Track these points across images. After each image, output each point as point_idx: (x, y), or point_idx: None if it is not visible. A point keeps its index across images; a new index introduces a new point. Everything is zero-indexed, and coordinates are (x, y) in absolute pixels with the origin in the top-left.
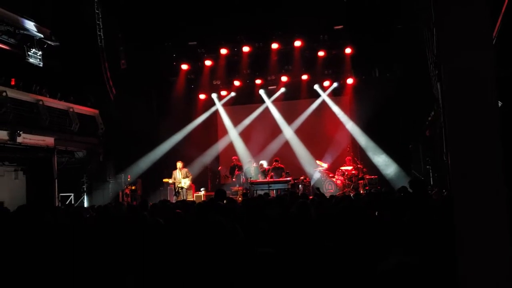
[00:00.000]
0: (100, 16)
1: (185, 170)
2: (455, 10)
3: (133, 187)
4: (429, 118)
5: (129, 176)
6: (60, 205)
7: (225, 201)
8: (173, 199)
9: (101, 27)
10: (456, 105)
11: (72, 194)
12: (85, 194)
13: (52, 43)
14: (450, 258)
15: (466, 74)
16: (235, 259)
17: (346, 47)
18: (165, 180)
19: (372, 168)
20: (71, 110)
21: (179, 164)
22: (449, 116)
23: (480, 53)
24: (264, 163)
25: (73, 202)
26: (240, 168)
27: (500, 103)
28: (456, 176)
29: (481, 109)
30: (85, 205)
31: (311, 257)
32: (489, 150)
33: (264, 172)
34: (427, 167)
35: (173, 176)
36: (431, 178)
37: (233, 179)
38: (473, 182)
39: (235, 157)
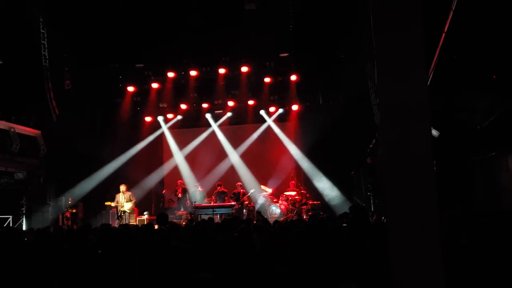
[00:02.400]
0: (46, 35)
1: (128, 193)
2: (392, 44)
3: (74, 210)
4: (371, 146)
5: (70, 199)
6: None
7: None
8: (115, 223)
9: (46, 46)
10: (391, 134)
11: (11, 217)
12: (24, 216)
13: None
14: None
15: (400, 105)
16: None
17: (292, 74)
18: (107, 203)
19: (315, 193)
20: (12, 130)
21: (122, 187)
22: (385, 144)
23: (414, 86)
24: None
25: (11, 225)
26: (184, 191)
27: (437, 133)
28: (390, 202)
29: (415, 138)
30: (24, 228)
31: (250, 281)
32: (422, 176)
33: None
34: (368, 193)
35: (115, 200)
36: (372, 205)
37: (179, 196)
38: (407, 208)
39: (180, 180)
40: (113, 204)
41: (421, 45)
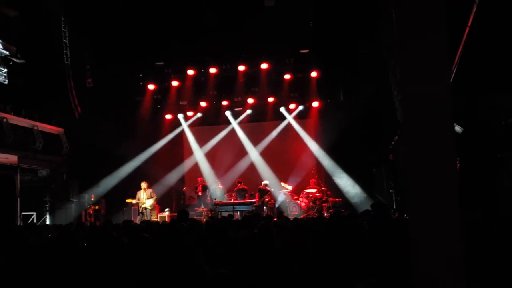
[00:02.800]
0: (67, 34)
1: (149, 190)
2: (415, 43)
3: (96, 207)
4: (393, 143)
5: (92, 196)
6: (21, 224)
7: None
8: (137, 220)
9: (68, 45)
10: (413, 131)
11: (35, 213)
12: (48, 213)
13: (18, 61)
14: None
15: (423, 102)
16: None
17: (312, 71)
18: (128, 200)
19: (336, 190)
20: (35, 128)
21: (143, 185)
22: (407, 140)
23: (437, 83)
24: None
25: (35, 221)
26: (205, 188)
27: (461, 129)
28: (412, 199)
29: (437, 134)
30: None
31: (270, 277)
32: (444, 173)
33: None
34: (390, 190)
35: (137, 197)
36: (394, 202)
37: (199, 194)
38: (428, 205)
39: (201, 178)
40: (134, 201)
41: (444, 42)
